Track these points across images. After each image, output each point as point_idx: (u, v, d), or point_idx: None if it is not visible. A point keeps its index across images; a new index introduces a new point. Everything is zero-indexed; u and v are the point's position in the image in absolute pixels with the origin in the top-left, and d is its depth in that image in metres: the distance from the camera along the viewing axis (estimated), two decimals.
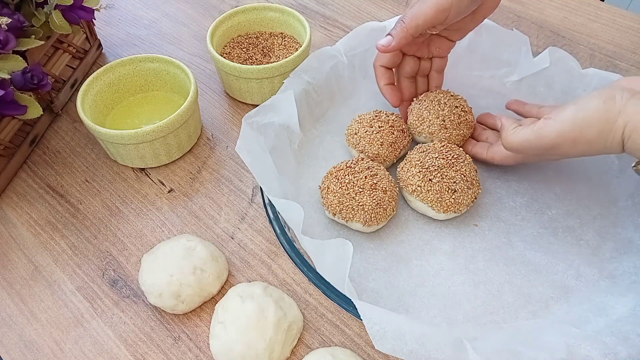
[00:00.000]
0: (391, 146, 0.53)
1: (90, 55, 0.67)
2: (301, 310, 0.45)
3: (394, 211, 0.49)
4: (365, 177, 0.48)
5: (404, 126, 0.54)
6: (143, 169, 0.57)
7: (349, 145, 0.55)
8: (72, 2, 0.53)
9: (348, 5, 0.78)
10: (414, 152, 0.51)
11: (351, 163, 0.49)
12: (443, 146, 0.50)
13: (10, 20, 0.47)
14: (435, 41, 0.54)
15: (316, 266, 0.41)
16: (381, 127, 0.53)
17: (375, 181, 0.48)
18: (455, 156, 0.49)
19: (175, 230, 0.51)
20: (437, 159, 0.49)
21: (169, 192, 0.55)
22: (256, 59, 0.64)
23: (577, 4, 0.77)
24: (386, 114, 0.54)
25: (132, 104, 0.61)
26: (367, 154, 0.53)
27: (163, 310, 0.46)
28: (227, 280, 0.47)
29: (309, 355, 0.42)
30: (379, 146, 0.52)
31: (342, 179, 0.48)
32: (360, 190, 0.47)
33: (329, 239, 0.41)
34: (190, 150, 0.58)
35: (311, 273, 0.41)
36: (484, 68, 0.62)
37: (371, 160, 0.52)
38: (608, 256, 0.47)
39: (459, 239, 0.49)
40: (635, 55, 0.69)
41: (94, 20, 0.61)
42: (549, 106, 0.51)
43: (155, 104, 0.61)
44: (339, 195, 0.47)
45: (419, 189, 0.48)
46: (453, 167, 0.49)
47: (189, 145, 0.58)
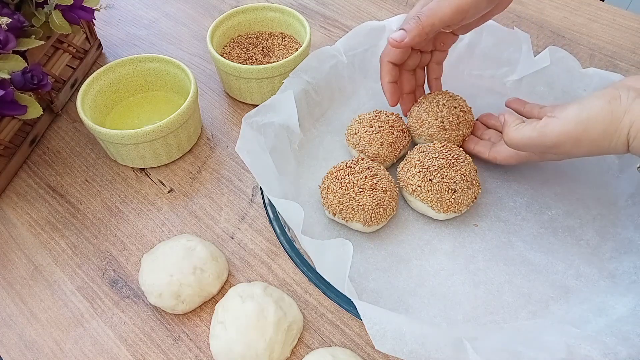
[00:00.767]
0: (391, 146, 0.52)
1: (90, 55, 0.67)
2: (301, 310, 0.45)
3: (394, 211, 0.49)
4: (365, 177, 0.48)
5: (403, 126, 0.54)
6: (143, 169, 0.57)
7: (348, 145, 0.55)
8: (72, 2, 0.53)
9: (348, 5, 0.78)
10: (414, 152, 0.51)
11: (351, 163, 0.49)
12: (443, 146, 0.50)
13: (10, 20, 0.47)
14: (440, 36, 0.53)
15: (316, 266, 0.41)
16: (381, 127, 0.53)
17: (375, 181, 0.48)
18: (455, 156, 0.49)
19: (175, 230, 0.51)
20: (437, 159, 0.49)
21: (169, 192, 0.55)
22: (256, 59, 0.64)
23: (577, 4, 0.77)
24: (386, 114, 0.54)
25: (132, 104, 0.61)
26: (367, 154, 0.53)
27: (163, 310, 0.46)
28: (227, 280, 0.47)
29: (309, 355, 0.42)
30: (379, 146, 0.52)
31: (342, 179, 0.48)
32: (360, 190, 0.47)
33: (329, 239, 0.41)
34: (190, 150, 0.58)
35: (311, 273, 0.41)
36: (484, 67, 0.62)
37: (371, 160, 0.52)
38: (608, 256, 0.47)
39: (459, 239, 0.49)
40: (635, 55, 0.69)
41: (94, 20, 0.61)
42: (550, 106, 0.50)
43: (155, 104, 0.61)
44: (339, 195, 0.47)
45: (419, 189, 0.48)
46: (453, 167, 0.49)
47: (189, 145, 0.58)
